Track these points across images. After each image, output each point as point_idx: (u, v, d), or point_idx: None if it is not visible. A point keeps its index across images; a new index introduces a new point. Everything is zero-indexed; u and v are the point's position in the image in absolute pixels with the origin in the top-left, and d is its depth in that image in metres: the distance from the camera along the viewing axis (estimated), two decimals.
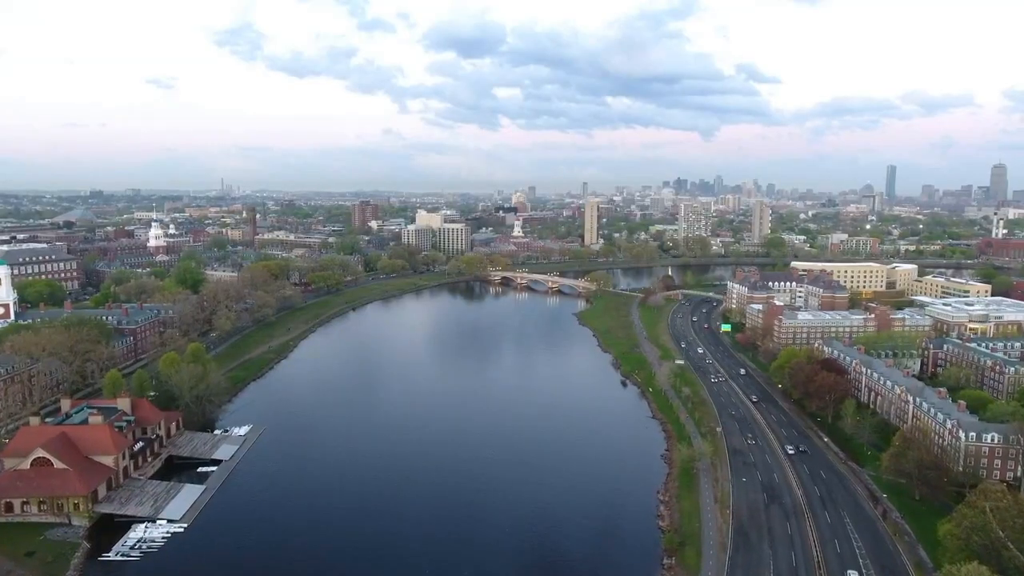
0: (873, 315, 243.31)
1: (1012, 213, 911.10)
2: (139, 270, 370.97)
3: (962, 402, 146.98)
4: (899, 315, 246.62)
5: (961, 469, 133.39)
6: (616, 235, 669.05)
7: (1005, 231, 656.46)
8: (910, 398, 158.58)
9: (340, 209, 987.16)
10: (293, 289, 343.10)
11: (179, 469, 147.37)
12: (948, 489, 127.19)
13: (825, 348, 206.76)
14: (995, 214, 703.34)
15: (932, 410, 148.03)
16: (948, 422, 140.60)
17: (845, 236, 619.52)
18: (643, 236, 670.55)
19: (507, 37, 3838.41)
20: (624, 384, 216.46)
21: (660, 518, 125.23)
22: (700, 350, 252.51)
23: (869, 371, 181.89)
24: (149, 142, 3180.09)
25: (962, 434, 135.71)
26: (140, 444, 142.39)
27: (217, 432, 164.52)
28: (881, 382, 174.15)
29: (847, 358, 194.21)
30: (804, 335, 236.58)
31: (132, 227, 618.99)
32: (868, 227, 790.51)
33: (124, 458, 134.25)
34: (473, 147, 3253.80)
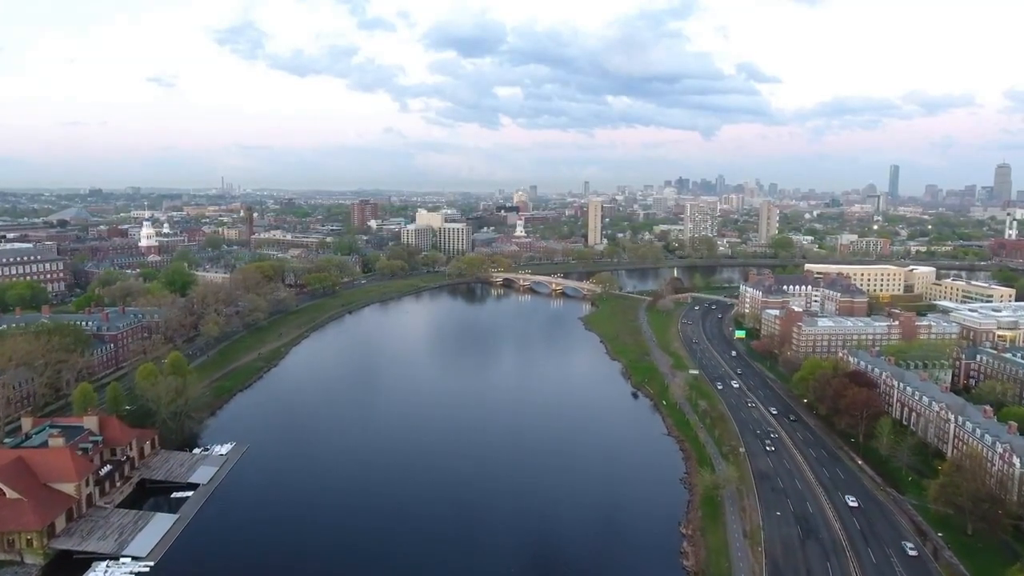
0: (897, 322, 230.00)
1: (1020, 213, 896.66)
2: (128, 271, 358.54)
3: (1013, 423, 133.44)
4: (924, 322, 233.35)
5: (1016, 500, 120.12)
6: (620, 235, 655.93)
7: (1016, 232, 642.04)
8: (951, 417, 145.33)
9: (340, 208, 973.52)
10: (287, 291, 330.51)
11: (152, 494, 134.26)
12: (1005, 523, 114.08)
13: (850, 359, 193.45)
14: (1008, 214, 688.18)
15: (978, 431, 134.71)
16: (999, 446, 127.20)
17: (855, 237, 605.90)
18: (647, 236, 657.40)
19: (507, 36, 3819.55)
20: (635, 396, 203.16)
21: (684, 556, 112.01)
22: (714, 358, 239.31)
23: (901, 385, 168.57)
24: (150, 141, 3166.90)
25: (1016, 460, 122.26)
26: (108, 468, 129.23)
27: (196, 451, 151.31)
28: (916, 398, 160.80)
29: (875, 370, 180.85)
30: (825, 343, 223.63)
31: (127, 226, 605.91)
32: (875, 227, 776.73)
33: (88, 485, 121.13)
34: (474, 146, 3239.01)
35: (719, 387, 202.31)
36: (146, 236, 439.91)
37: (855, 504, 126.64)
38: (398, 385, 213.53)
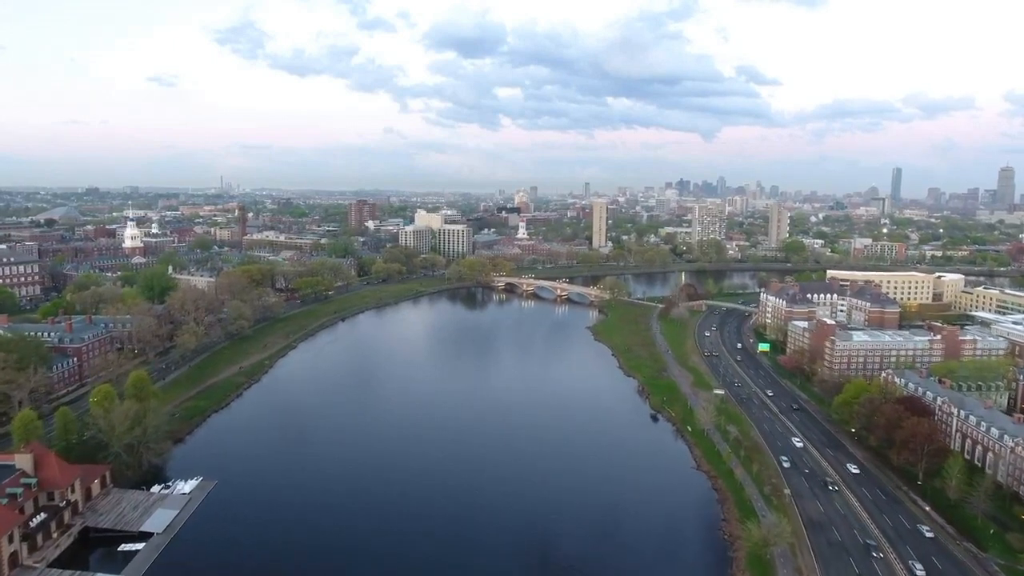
0: (939, 336, 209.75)
1: None
2: (108, 274, 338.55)
3: None
4: (968, 336, 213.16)
5: None
6: (624, 237, 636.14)
7: None
8: None
9: (338, 208, 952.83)
10: (276, 297, 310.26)
11: (97, 545, 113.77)
12: None
13: (897, 380, 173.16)
14: None
15: None
16: None
17: (869, 241, 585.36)
18: (653, 239, 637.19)
19: (507, 37, 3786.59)
20: (655, 419, 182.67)
21: None
22: (738, 375, 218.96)
23: (962, 413, 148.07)
24: (150, 140, 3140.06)
25: None
26: (41, 517, 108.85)
27: (155, 490, 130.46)
28: (983, 429, 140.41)
29: (928, 394, 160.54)
30: (860, 360, 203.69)
31: (115, 226, 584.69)
32: (885, 231, 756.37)
33: (12, 541, 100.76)
34: (474, 146, 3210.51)
35: (747, 409, 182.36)
36: (130, 237, 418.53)
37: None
38: (393, 404, 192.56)
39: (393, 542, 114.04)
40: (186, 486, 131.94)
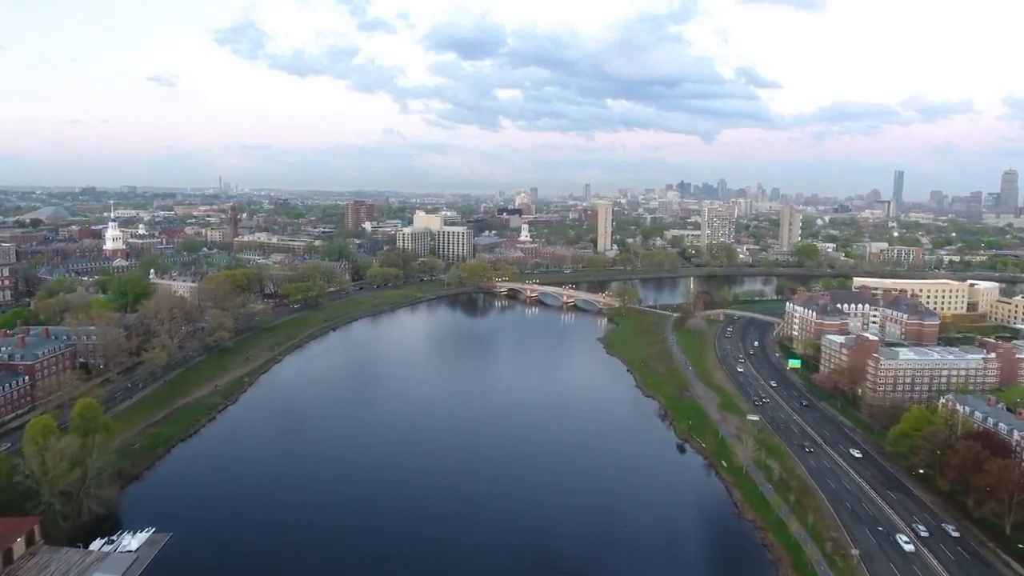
0: (994, 354, 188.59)
1: None
2: (85, 278, 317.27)
3: None
4: None
5: None
6: (630, 240, 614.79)
7: None
8: None
9: (336, 209, 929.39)
10: (264, 304, 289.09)
11: None
12: None
13: (960, 408, 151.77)
14: None
15: None
16: None
17: (885, 245, 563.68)
18: (659, 241, 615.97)
19: (507, 39, 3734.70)
20: (682, 449, 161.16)
21: None
22: (769, 396, 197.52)
23: None
24: (150, 139, 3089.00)
25: None
26: None
27: (95, 546, 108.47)
28: None
29: (1001, 426, 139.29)
30: (908, 381, 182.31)
31: (102, 226, 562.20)
32: (896, 235, 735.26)
33: None
34: (474, 147, 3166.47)
35: (786, 438, 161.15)
36: (111, 238, 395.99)
37: None
38: (387, 431, 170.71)
39: None
40: (133, 541, 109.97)
